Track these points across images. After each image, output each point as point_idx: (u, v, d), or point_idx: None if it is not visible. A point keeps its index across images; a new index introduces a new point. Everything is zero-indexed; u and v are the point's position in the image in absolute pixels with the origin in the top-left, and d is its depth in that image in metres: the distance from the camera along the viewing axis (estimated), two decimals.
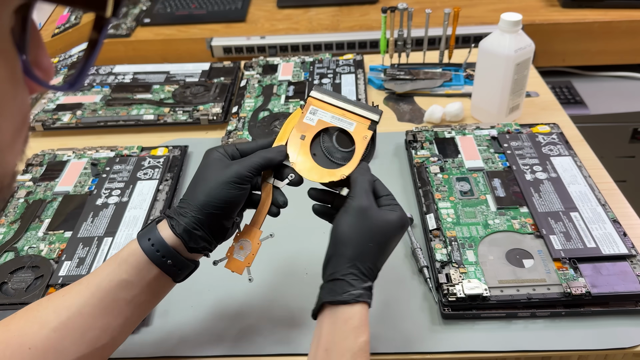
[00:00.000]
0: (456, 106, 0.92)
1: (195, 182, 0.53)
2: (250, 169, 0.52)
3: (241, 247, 0.56)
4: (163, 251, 0.50)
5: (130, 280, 0.49)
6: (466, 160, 0.81)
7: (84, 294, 0.48)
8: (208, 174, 0.52)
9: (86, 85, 1.06)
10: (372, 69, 1.09)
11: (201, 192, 0.51)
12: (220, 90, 1.01)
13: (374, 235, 0.50)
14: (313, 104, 0.57)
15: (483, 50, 0.88)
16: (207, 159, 0.54)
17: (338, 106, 0.57)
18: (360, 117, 0.57)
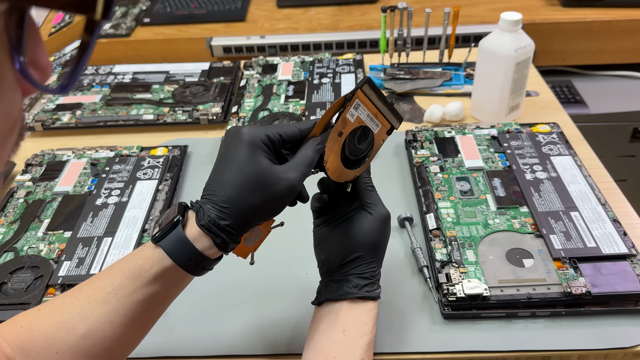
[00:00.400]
0: (456, 106, 0.92)
1: (239, 189, 0.46)
2: (303, 178, 0.49)
3: (252, 234, 0.55)
4: (206, 265, 0.48)
5: (166, 292, 0.48)
6: (466, 160, 0.81)
7: (113, 304, 0.46)
8: (258, 182, 0.46)
9: (86, 85, 1.06)
10: (372, 68, 1.08)
11: (249, 211, 0.46)
12: (220, 90, 1.01)
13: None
14: (360, 98, 0.52)
15: (483, 49, 0.88)
16: (250, 156, 0.46)
17: (376, 105, 0.54)
18: (386, 120, 0.56)
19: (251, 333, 0.62)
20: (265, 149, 0.47)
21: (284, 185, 0.46)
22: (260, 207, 0.46)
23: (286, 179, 0.47)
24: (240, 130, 0.48)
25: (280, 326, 0.63)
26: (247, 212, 0.46)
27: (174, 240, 0.46)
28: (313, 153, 0.50)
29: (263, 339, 0.61)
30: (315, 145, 0.50)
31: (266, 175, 0.46)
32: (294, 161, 0.49)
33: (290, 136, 0.50)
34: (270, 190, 0.46)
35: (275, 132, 0.49)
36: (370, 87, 0.53)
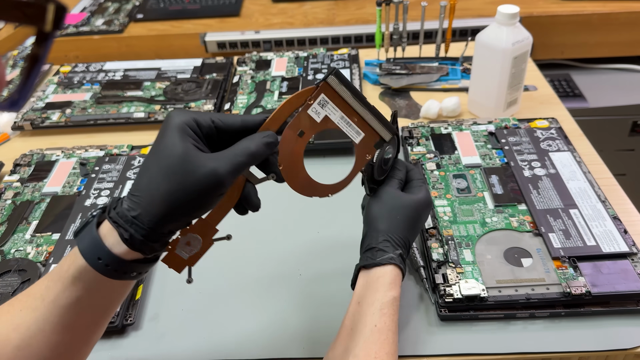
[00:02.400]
0: (453, 101, 0.91)
1: (153, 176, 0.40)
2: (235, 172, 0.41)
3: (188, 243, 0.45)
4: (121, 267, 0.42)
5: (90, 297, 0.43)
6: (463, 157, 0.79)
7: (42, 311, 0.43)
8: (172, 167, 0.40)
9: (76, 83, 1.04)
10: (367, 63, 1.07)
11: (161, 200, 0.40)
12: (212, 86, 0.99)
13: (401, 210, 0.56)
14: (326, 93, 0.45)
15: (480, 43, 0.86)
16: (170, 139, 0.41)
17: (352, 107, 0.46)
18: (372, 130, 0.48)
19: (244, 337, 0.61)
20: (191, 134, 0.42)
21: (204, 173, 0.40)
22: (175, 198, 0.39)
23: (208, 167, 0.40)
24: (167, 115, 0.43)
25: (274, 329, 0.61)
26: (158, 202, 0.40)
27: (87, 235, 0.41)
28: (256, 145, 0.43)
29: (257, 344, 0.60)
30: (261, 137, 0.43)
31: (183, 159, 0.40)
32: (228, 150, 0.42)
33: (228, 125, 0.44)
34: (186, 177, 0.39)
35: (207, 117, 0.43)
36: (339, 81, 0.46)
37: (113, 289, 0.44)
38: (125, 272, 0.42)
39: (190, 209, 0.41)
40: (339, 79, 0.46)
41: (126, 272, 0.42)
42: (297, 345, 0.59)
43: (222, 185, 0.41)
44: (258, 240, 0.71)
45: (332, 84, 0.46)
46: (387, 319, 0.50)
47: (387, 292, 0.52)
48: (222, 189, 0.41)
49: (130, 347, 0.60)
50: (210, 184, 0.40)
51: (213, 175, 0.40)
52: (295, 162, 0.46)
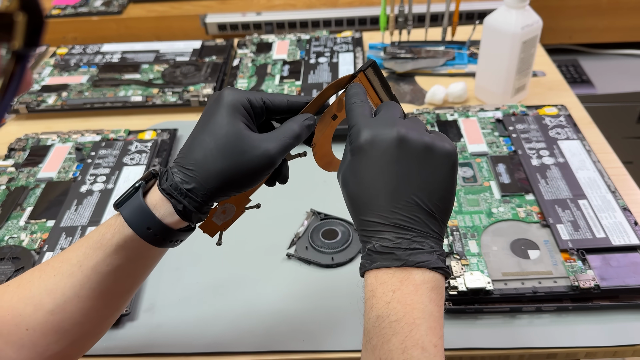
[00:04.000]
0: (459, 86, 0.88)
1: (208, 152, 0.42)
2: (283, 152, 0.43)
3: (223, 212, 0.50)
4: (168, 236, 0.43)
5: (131, 264, 0.45)
6: (469, 145, 0.77)
7: (79, 277, 0.44)
8: (228, 146, 0.41)
9: (72, 65, 1.02)
10: (371, 47, 1.04)
11: (216, 175, 0.41)
12: (212, 70, 0.97)
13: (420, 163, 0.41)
14: (361, 81, 0.48)
15: (488, 27, 0.83)
16: (226, 118, 0.42)
17: (380, 96, 0.49)
18: None
19: (243, 329, 0.59)
20: (244, 113, 0.43)
21: (257, 154, 0.42)
22: (229, 175, 0.42)
23: (262, 148, 0.42)
24: (221, 93, 0.44)
25: (273, 321, 0.60)
26: (213, 177, 0.42)
27: (134, 206, 0.43)
28: (300, 127, 0.45)
29: (255, 336, 0.58)
30: (304, 119, 0.46)
31: (239, 139, 0.42)
32: (276, 131, 0.44)
33: (276, 105, 0.46)
34: (241, 157, 0.42)
35: (258, 97, 0.45)
36: (374, 73, 0.49)
37: (153, 257, 0.46)
38: (171, 240, 0.44)
39: (241, 185, 0.43)
40: (375, 71, 0.48)
41: (172, 240, 0.44)
42: (297, 338, 0.58)
43: (272, 165, 0.43)
44: (257, 229, 0.69)
45: (368, 75, 0.48)
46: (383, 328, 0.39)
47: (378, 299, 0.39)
48: (272, 168, 0.43)
49: (125, 338, 0.59)
50: (263, 164, 0.42)
51: (266, 155, 0.42)
52: (326, 141, 0.49)
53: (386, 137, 0.40)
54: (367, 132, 0.41)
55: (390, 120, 0.42)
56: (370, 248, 0.40)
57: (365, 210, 0.41)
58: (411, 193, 0.40)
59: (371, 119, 0.43)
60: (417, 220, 0.40)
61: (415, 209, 0.40)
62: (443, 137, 0.43)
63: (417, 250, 0.39)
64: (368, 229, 0.41)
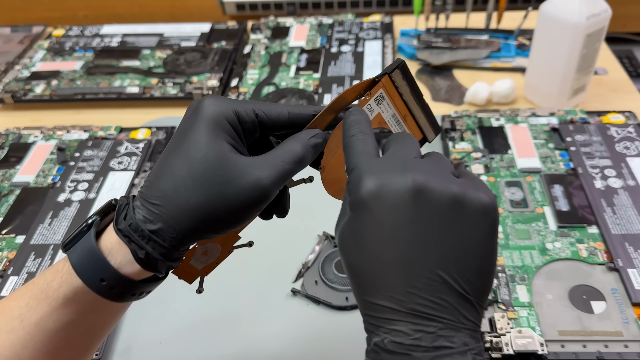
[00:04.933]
0: (506, 85, 0.74)
1: (180, 182, 0.32)
2: (281, 181, 0.33)
3: (205, 253, 0.40)
4: (128, 289, 0.33)
5: (83, 321, 0.35)
6: (518, 158, 0.64)
7: (20, 335, 0.34)
8: (207, 174, 0.31)
9: (67, 49, 0.91)
10: (403, 33, 0.91)
11: (191, 214, 0.31)
12: (219, 57, 0.85)
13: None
14: (386, 89, 0.38)
15: (545, 15, 0.69)
16: (204, 136, 0.32)
17: (408, 105, 0.39)
18: (418, 129, 0.41)
19: None
20: (229, 130, 0.33)
21: (246, 184, 0.32)
22: (208, 212, 0.32)
23: (252, 176, 0.32)
24: (200, 103, 0.34)
25: None
26: (186, 216, 0.32)
27: (83, 250, 0.33)
28: (304, 148, 0.35)
29: None
30: (309, 137, 0.35)
31: (222, 165, 0.32)
32: (272, 154, 0.34)
33: (273, 119, 0.35)
34: (224, 189, 0.32)
35: (249, 109, 0.34)
36: (403, 76, 0.38)
37: (113, 311, 0.36)
38: (133, 294, 0.34)
39: (224, 225, 0.33)
40: (404, 74, 0.38)
41: (134, 294, 0.34)
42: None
43: (266, 199, 0.33)
44: (256, 256, 0.58)
45: (395, 80, 0.38)
46: None
47: None
48: (265, 202, 0.33)
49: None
50: (254, 197, 0.32)
51: (257, 186, 0.32)
52: (338, 164, 0.37)
53: (398, 187, 0.29)
54: (371, 180, 0.29)
55: (403, 161, 0.30)
56: (377, 343, 0.28)
57: (371, 290, 0.29)
58: (434, 266, 0.28)
59: (377, 161, 0.31)
60: (444, 305, 0.28)
61: (441, 288, 0.28)
62: (477, 182, 0.30)
63: (443, 349, 0.27)
64: (375, 315, 0.28)
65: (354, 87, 0.37)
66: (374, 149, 0.32)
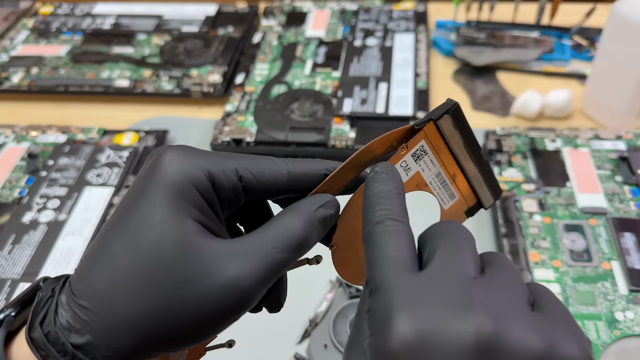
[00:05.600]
0: (562, 96, 0.62)
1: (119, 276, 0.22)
2: (270, 278, 0.23)
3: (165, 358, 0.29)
4: None
5: None
6: (579, 194, 0.52)
7: None
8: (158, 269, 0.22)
9: (54, 30, 0.80)
10: (439, 25, 0.78)
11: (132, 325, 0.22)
12: (225, 47, 0.74)
13: None
14: (429, 139, 0.27)
15: (618, 16, 0.57)
16: (158, 211, 0.23)
17: (460, 162, 0.29)
18: (472, 192, 0.30)
19: None
20: (197, 202, 0.23)
21: (215, 286, 0.22)
22: (156, 325, 0.22)
23: (225, 274, 0.22)
24: (159, 158, 0.24)
25: None
26: (125, 328, 0.22)
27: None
28: (306, 226, 0.24)
29: None
30: (315, 207, 0.25)
31: (182, 255, 0.22)
32: (258, 236, 0.24)
33: (264, 184, 0.25)
34: (183, 291, 0.22)
35: (229, 168, 0.24)
36: (454, 123, 0.27)
37: None
38: None
39: (180, 343, 0.23)
40: (455, 120, 0.27)
41: None
42: None
43: (246, 305, 0.23)
44: None
45: (443, 128, 0.27)
46: None
47: None
48: (245, 309, 0.23)
49: None
50: (227, 305, 0.22)
51: (234, 289, 0.22)
52: (356, 241, 0.28)
53: (451, 341, 0.18)
54: (407, 322, 0.19)
55: (458, 287, 0.19)
56: None
57: None
58: None
59: (416, 282, 0.20)
60: None
61: None
62: (564, 320, 0.20)
63: None
64: None
65: (385, 137, 0.27)
66: (410, 253, 0.22)
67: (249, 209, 0.27)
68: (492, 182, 0.30)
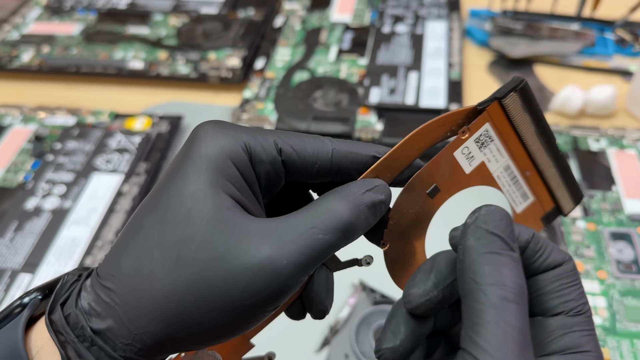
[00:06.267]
0: (606, 93, 0.58)
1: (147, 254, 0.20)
2: (311, 264, 0.20)
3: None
4: None
5: None
6: (626, 199, 0.48)
7: None
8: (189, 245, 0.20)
9: (68, 8, 0.77)
10: (473, 14, 0.73)
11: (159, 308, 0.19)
12: (245, 30, 0.70)
13: None
14: (494, 121, 0.23)
15: None
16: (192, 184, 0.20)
17: (532, 152, 0.24)
18: (549, 193, 0.26)
19: None
20: (234, 176, 0.21)
21: (248, 265, 0.19)
22: (182, 308, 0.19)
23: (259, 252, 0.19)
24: (196, 132, 0.22)
25: None
26: (148, 312, 0.19)
27: (5, 345, 0.21)
28: (352, 209, 0.21)
29: None
30: (363, 191, 0.22)
31: (213, 231, 0.20)
32: (299, 215, 0.21)
33: (306, 160, 0.22)
34: (212, 270, 0.19)
35: (268, 141, 0.22)
36: (524, 105, 0.23)
37: None
38: None
39: (210, 333, 0.20)
40: (524, 100, 0.23)
41: None
42: None
43: (284, 291, 0.20)
44: None
45: (510, 110, 0.23)
46: None
47: None
48: (283, 297, 0.20)
49: None
50: (261, 288, 0.19)
51: (268, 270, 0.19)
52: (413, 239, 0.25)
53: None
54: None
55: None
56: None
57: None
58: None
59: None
60: None
61: None
62: None
63: None
64: None
65: (444, 118, 0.23)
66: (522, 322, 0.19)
67: (291, 198, 0.25)
68: (571, 183, 0.26)
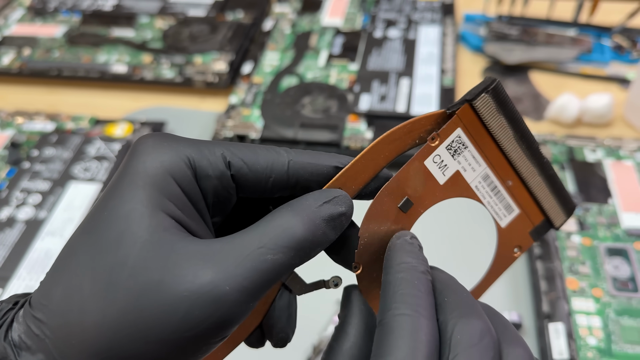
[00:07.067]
0: (603, 101, 0.56)
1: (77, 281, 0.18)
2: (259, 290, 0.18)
3: None
4: None
5: None
6: (623, 212, 0.46)
7: None
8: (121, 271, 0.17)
9: (51, 9, 0.75)
10: (468, 18, 0.72)
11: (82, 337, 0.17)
12: (233, 33, 0.68)
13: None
14: (466, 126, 0.21)
15: None
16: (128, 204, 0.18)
17: (512, 159, 0.22)
18: (536, 204, 0.24)
19: None
20: (175, 194, 0.19)
21: (186, 293, 0.17)
22: (113, 340, 0.17)
23: (198, 278, 0.17)
24: (139, 143, 0.20)
25: None
26: (79, 345, 0.17)
27: None
28: (307, 223, 0.19)
29: None
30: (320, 203, 0.20)
31: (149, 255, 0.18)
32: (242, 234, 0.19)
33: (258, 174, 0.20)
34: (145, 298, 0.17)
35: (215, 154, 0.20)
36: (498, 106, 0.21)
37: None
38: None
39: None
40: (497, 100, 0.21)
41: None
42: None
43: (228, 320, 0.18)
44: None
45: (482, 111, 0.21)
46: None
47: None
48: (228, 327, 0.18)
49: None
50: (202, 318, 0.17)
51: (208, 296, 0.17)
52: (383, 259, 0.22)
53: None
54: None
55: None
56: None
57: None
58: None
59: None
60: None
61: None
62: None
63: None
64: None
65: (411, 124, 0.21)
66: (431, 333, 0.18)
67: (249, 215, 0.22)
68: (560, 193, 0.24)
